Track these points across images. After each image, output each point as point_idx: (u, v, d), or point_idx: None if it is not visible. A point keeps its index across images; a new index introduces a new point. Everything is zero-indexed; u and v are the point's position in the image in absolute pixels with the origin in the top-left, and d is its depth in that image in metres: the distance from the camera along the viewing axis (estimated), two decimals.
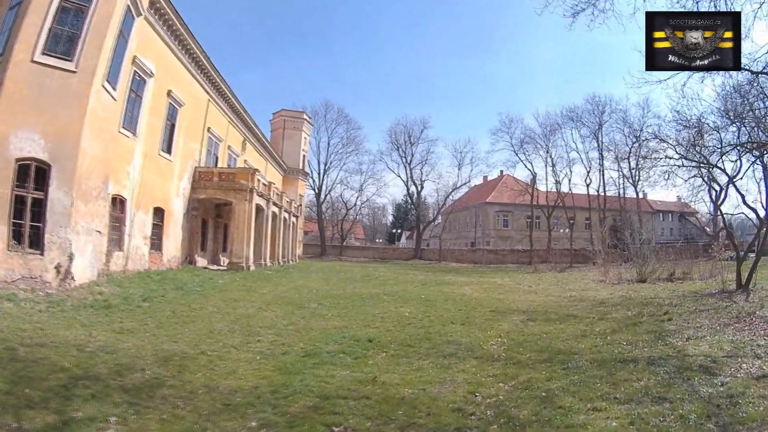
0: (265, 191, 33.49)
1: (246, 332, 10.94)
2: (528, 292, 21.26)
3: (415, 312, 14.58)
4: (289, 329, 11.51)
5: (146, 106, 21.95)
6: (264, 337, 10.46)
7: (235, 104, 36.13)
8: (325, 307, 15.44)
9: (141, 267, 21.64)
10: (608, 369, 7.74)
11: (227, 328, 11.30)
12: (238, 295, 17.37)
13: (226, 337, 10.35)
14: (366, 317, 13.48)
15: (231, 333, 10.81)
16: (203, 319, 12.35)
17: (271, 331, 11.21)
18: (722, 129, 18.54)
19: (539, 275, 34.95)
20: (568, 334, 11.11)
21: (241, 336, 10.51)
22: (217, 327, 11.43)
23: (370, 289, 21.60)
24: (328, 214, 76.43)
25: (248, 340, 10.14)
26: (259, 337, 10.51)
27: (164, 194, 25.05)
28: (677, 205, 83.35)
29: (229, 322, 12.09)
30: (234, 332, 10.91)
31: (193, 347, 9.25)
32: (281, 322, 12.47)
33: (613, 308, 15.04)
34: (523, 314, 14.25)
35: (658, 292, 19.06)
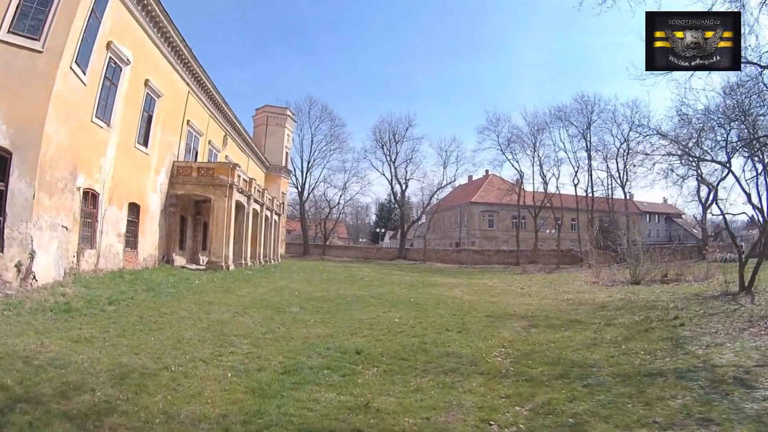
0: (245, 187, 32.29)
1: (218, 342, 9.71)
2: (522, 295, 20.26)
3: (406, 317, 13.38)
4: (266, 338, 10.26)
5: (122, 95, 20.96)
6: (238, 348, 9.23)
7: (216, 97, 34.94)
8: (307, 311, 14.18)
9: (115, 266, 20.55)
10: (635, 385, 7.00)
11: (198, 337, 10.06)
12: (214, 298, 16.08)
13: (195, 347, 9.11)
14: (352, 324, 12.22)
15: (201, 343, 9.58)
16: (172, 326, 11.07)
17: (246, 340, 9.97)
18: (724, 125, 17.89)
19: (528, 276, 34.06)
20: (577, 342, 10.17)
21: (213, 346, 9.29)
22: (186, 335, 10.18)
23: (355, 291, 20.42)
24: (311, 212, 75.35)
25: (220, 351, 8.90)
26: (233, 347, 9.28)
27: (140, 189, 23.89)
28: (664, 207, 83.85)
29: (200, 330, 10.84)
30: (205, 342, 9.68)
31: (155, 360, 8.03)
32: (258, 329, 11.20)
33: (616, 312, 14.17)
34: (523, 319, 13.20)
35: (658, 294, 18.33)
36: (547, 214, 59.55)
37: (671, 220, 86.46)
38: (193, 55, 28.74)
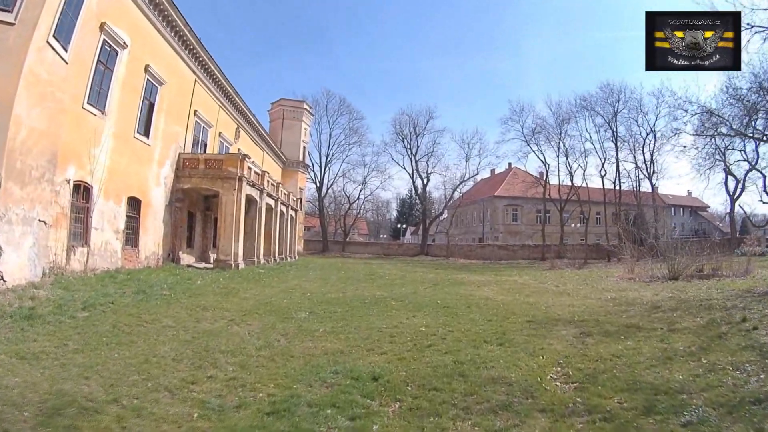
0: (257, 181, 30.50)
1: (197, 361, 7.80)
2: (559, 294, 17.98)
3: (434, 325, 11.24)
4: (260, 356, 8.27)
5: (118, 81, 19.42)
6: (220, 371, 7.28)
7: (226, 87, 33.21)
8: (317, 317, 12.16)
9: (111, 265, 18.94)
10: (747, 419, 5.28)
11: (173, 354, 8.17)
12: (212, 301, 14.20)
13: (165, 369, 7.22)
14: (370, 335, 10.13)
15: (175, 363, 7.68)
16: (148, 338, 9.22)
17: (234, 359, 8.02)
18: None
19: (558, 272, 31.60)
20: (646, 356, 8.08)
21: (188, 368, 7.38)
22: (160, 351, 8.31)
23: (375, 292, 18.33)
24: (330, 208, 73.79)
25: (195, 376, 6.97)
26: (214, 370, 7.34)
27: (141, 182, 22.17)
28: (688, 200, 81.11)
29: (180, 344, 8.94)
30: (180, 361, 7.78)
31: (107, 388, 6.20)
32: (253, 343, 9.24)
33: (674, 315, 11.88)
34: (571, 325, 11.00)
35: (706, 291, 16.02)
36: (573, 207, 57.20)
37: (696, 213, 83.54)
38: (200, 41, 27.09)
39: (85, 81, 16.92)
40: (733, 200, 47.23)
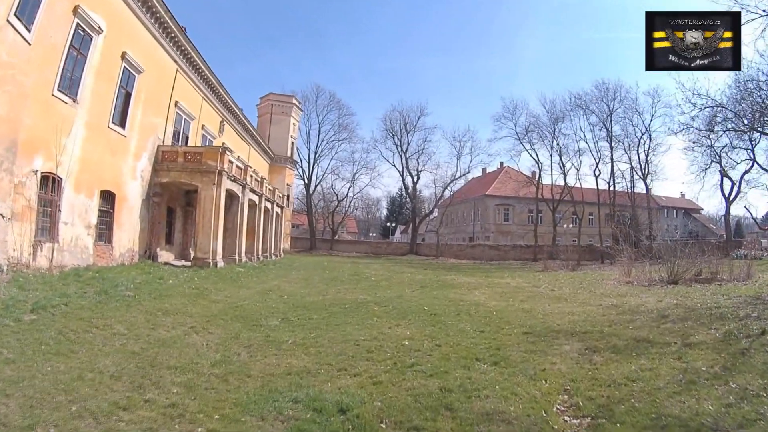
0: (239, 175, 29.09)
1: (138, 379, 6.57)
2: (556, 299, 16.80)
3: (419, 337, 9.99)
4: (213, 374, 7.02)
5: (92, 67, 18.31)
6: (162, 393, 6.05)
7: (210, 78, 31.83)
8: (288, 325, 10.89)
9: (83, 262, 17.78)
10: None
11: (114, 368, 6.93)
12: (177, 304, 12.90)
13: (98, 389, 6.02)
14: (344, 349, 8.86)
15: (113, 380, 6.46)
16: (92, 348, 7.97)
17: (181, 377, 6.77)
18: None
19: (552, 274, 30.50)
20: (665, 379, 6.90)
21: (125, 388, 6.16)
22: (100, 364, 7.08)
23: (358, 295, 17.07)
24: (319, 206, 72.41)
25: (129, 399, 5.75)
26: (154, 391, 6.09)
27: (115, 175, 20.91)
28: (682, 202, 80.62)
29: (125, 355, 7.69)
30: (119, 378, 6.55)
31: (26, 411, 5.15)
32: (209, 356, 8.01)
33: (684, 325, 10.67)
34: (574, 338, 9.80)
35: (712, 298, 14.83)
36: (565, 207, 56.27)
37: (689, 215, 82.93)
38: (182, 30, 25.83)
39: (56, 67, 15.97)
40: (728, 202, 46.61)
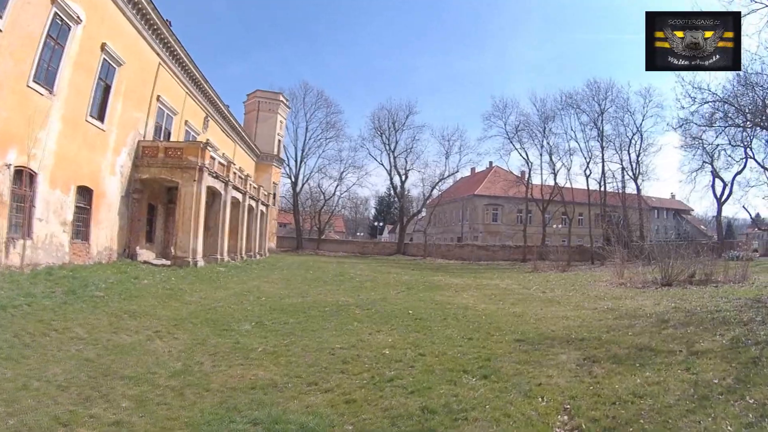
0: (221, 172, 28.19)
1: (87, 390, 5.88)
2: (548, 302, 16.08)
3: (401, 345, 9.21)
4: (169, 386, 6.25)
5: (70, 58, 17.89)
6: (110, 407, 5.34)
7: (194, 73, 30.96)
8: (261, 330, 10.09)
9: (58, 260, 17.19)
10: None
11: (64, 377, 6.27)
12: (145, 306, 12.05)
13: (41, 400, 5.38)
14: (318, 359, 8.06)
15: (60, 390, 5.81)
16: (45, 353, 7.28)
17: (134, 389, 6.02)
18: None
19: (542, 276, 29.88)
20: (675, 394, 6.18)
21: (71, 400, 5.48)
22: (50, 372, 6.41)
23: (339, 297, 16.28)
24: (307, 205, 71.24)
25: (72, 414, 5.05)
26: (102, 405, 5.39)
27: (93, 170, 20.19)
28: (672, 203, 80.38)
29: (79, 362, 6.96)
30: (67, 388, 5.89)
31: None
32: (169, 365, 7.22)
33: (687, 331, 9.99)
34: (570, 346, 9.08)
35: (711, 301, 14.24)
36: (555, 208, 55.62)
37: (679, 216, 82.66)
38: (166, 23, 25.03)
39: (32, 57, 15.50)
40: (720, 203, 46.29)
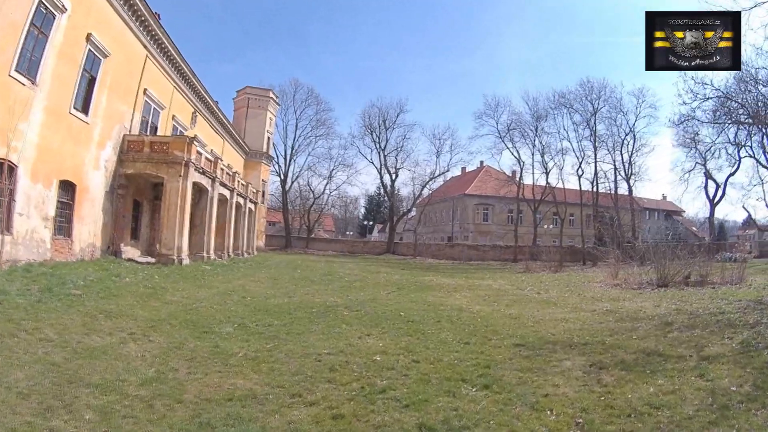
0: (208, 167, 27.47)
1: (49, 399, 5.26)
2: (544, 304, 15.55)
3: (393, 350, 8.59)
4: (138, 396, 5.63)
5: (54, 48, 17.17)
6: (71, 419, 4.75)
7: (182, 67, 30.18)
8: (243, 333, 9.46)
9: (39, 257, 16.66)
10: None
11: (26, 384, 5.68)
12: (123, 306, 11.37)
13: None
14: (302, 366, 7.41)
15: (20, 398, 5.25)
16: (10, 357, 6.67)
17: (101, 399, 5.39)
18: None
19: (535, 276, 29.37)
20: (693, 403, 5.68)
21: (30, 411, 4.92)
22: (12, 378, 5.85)
23: (328, 297, 15.64)
24: (296, 203, 70.52)
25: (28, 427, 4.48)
26: (63, 417, 4.81)
27: (76, 164, 19.55)
28: (663, 204, 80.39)
29: (44, 367, 6.34)
30: (28, 396, 5.31)
31: None
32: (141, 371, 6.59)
33: (694, 334, 9.47)
34: (574, 351, 8.54)
35: (712, 302, 13.77)
36: (546, 208, 55.44)
37: (671, 217, 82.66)
38: (153, 14, 24.30)
39: (15, 46, 15.01)
40: (713, 205, 46.18)
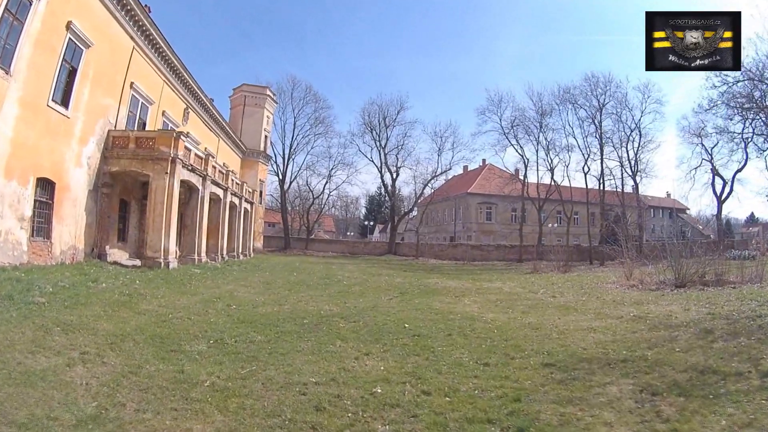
0: (199, 165, 26.01)
1: None
2: (564, 309, 14.01)
3: (398, 375, 6.98)
4: None
5: (30, 36, 16.16)
6: None
7: (172, 60, 28.81)
8: (218, 352, 7.98)
9: (15, 260, 15.72)
10: None
11: None
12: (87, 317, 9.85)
13: None
14: (281, 402, 5.79)
15: None
16: None
17: None
18: None
19: (544, 277, 27.90)
20: None
21: None
22: None
23: (322, 305, 14.12)
24: (295, 204, 69.37)
25: None
26: None
27: (55, 161, 18.39)
28: (668, 201, 79.17)
29: None
30: None
31: None
32: (79, 406, 5.16)
33: (741, 343, 8.18)
34: (615, 371, 7.07)
35: (743, 304, 12.49)
36: (551, 206, 54.17)
37: (676, 215, 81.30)
38: (141, 5, 23.09)
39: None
40: (720, 202, 44.97)
